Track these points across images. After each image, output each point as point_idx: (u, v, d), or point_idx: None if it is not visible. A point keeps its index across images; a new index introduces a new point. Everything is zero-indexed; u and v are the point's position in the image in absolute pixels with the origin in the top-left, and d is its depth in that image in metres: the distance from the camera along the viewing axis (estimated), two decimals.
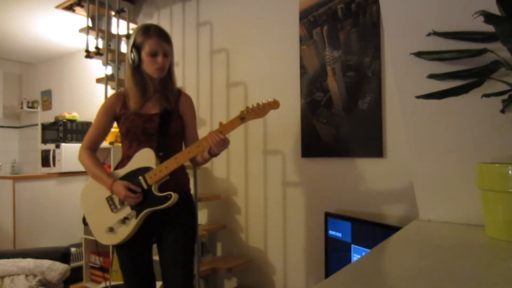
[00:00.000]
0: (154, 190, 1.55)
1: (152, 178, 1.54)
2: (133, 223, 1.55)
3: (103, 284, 2.84)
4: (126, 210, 1.57)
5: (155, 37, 1.57)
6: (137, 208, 1.55)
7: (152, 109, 1.65)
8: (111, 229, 1.57)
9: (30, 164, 4.97)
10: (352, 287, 0.69)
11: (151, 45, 1.57)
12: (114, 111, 1.67)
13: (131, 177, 1.57)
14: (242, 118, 1.54)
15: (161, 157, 1.58)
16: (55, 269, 2.18)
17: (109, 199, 1.60)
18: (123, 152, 1.69)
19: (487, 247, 0.90)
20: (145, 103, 1.65)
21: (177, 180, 1.63)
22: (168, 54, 1.61)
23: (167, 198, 1.53)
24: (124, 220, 1.56)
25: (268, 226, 2.57)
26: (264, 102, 1.56)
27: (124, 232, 1.56)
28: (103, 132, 1.68)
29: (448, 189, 1.14)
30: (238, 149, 2.73)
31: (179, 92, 1.74)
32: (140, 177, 1.56)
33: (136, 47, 1.59)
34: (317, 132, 2.30)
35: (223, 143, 1.54)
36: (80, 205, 1.69)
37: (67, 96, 4.59)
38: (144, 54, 1.58)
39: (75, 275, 3.11)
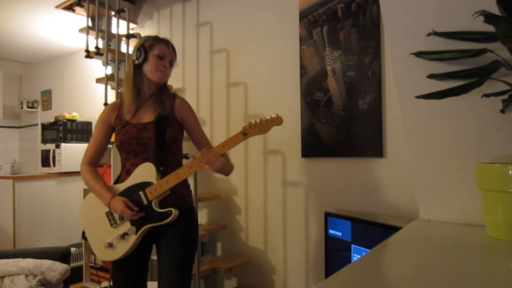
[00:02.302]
0: (155, 205, 1.51)
1: (152, 193, 1.51)
2: (132, 238, 1.51)
3: (103, 284, 2.85)
4: (126, 226, 1.53)
5: (166, 44, 1.63)
6: (137, 223, 1.52)
7: (146, 117, 1.61)
8: (110, 245, 1.53)
9: (30, 164, 4.97)
10: (352, 287, 0.69)
11: (161, 48, 1.60)
12: (110, 121, 1.65)
13: (131, 192, 1.54)
14: (245, 133, 1.51)
15: (162, 172, 1.54)
16: (55, 269, 2.18)
17: (109, 214, 1.56)
18: (121, 165, 1.65)
19: (487, 247, 0.90)
20: (139, 110, 1.62)
21: (177, 194, 1.58)
22: (173, 64, 1.65)
23: (168, 214, 1.50)
24: (124, 236, 1.52)
25: (268, 226, 2.57)
26: (267, 118, 1.52)
27: (123, 248, 1.52)
28: (102, 145, 1.66)
29: (448, 189, 1.14)
30: (238, 149, 2.73)
31: (174, 96, 1.70)
32: (141, 192, 1.52)
33: (144, 48, 1.60)
34: (317, 132, 2.30)
35: (215, 163, 1.48)
36: (80, 220, 1.65)
37: (67, 96, 4.59)
38: (151, 55, 1.59)
39: (75, 275, 3.11)
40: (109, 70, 3.04)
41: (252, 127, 1.52)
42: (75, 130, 3.94)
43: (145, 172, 1.54)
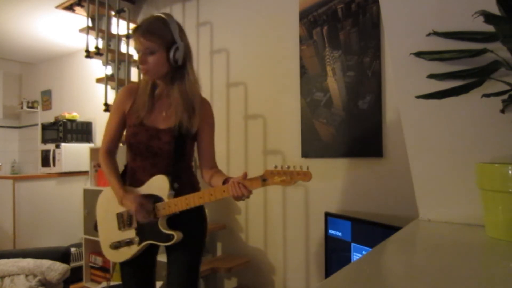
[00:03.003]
0: (160, 224, 1.45)
1: (160, 211, 1.44)
2: (134, 249, 1.49)
3: (103, 284, 2.85)
4: (131, 233, 1.50)
5: (136, 34, 1.40)
6: (141, 235, 1.48)
7: (162, 122, 1.47)
8: (115, 246, 1.52)
9: (30, 164, 4.97)
10: (352, 287, 0.69)
11: (133, 43, 1.43)
12: (123, 109, 1.52)
13: None
14: (264, 179, 1.32)
15: (176, 189, 1.45)
16: (55, 269, 2.18)
17: (119, 216, 1.52)
18: (128, 160, 1.58)
19: (487, 247, 0.90)
20: (154, 111, 1.49)
21: (190, 191, 1.50)
22: (154, 50, 1.39)
23: (170, 238, 1.44)
24: (128, 243, 1.50)
25: (268, 226, 2.57)
26: (294, 169, 1.29)
27: (125, 254, 1.51)
28: (117, 132, 1.55)
29: (448, 189, 1.14)
30: (238, 149, 2.73)
31: (200, 102, 1.51)
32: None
33: None
34: (317, 132, 2.30)
35: (244, 198, 1.35)
36: (96, 211, 1.62)
37: (67, 96, 4.59)
38: None
39: (75, 275, 3.10)
40: (109, 70, 3.04)
41: (274, 174, 1.30)
42: (75, 130, 3.94)
43: (158, 185, 1.45)
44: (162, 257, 1.67)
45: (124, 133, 1.59)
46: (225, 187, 1.36)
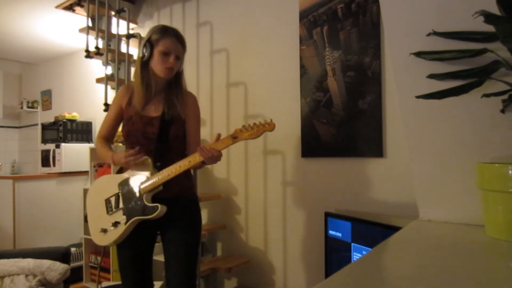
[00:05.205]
0: (145, 199, 1.55)
1: (145, 187, 1.55)
2: (122, 228, 1.56)
3: (103, 284, 2.85)
4: (119, 214, 1.58)
5: (172, 37, 1.60)
6: (128, 214, 1.56)
7: (154, 111, 1.65)
8: (104, 230, 1.60)
9: (30, 164, 4.97)
10: (352, 287, 0.69)
11: (166, 43, 1.59)
12: (121, 104, 1.70)
13: (129, 182, 1.59)
14: (235, 137, 1.52)
15: (159, 168, 1.57)
16: (55, 269, 2.18)
17: (108, 201, 1.62)
18: None
19: (487, 247, 0.90)
20: (148, 103, 1.66)
21: (181, 185, 1.64)
22: (180, 57, 1.63)
23: (154, 209, 1.52)
24: (116, 224, 1.57)
25: (268, 226, 2.57)
26: (260, 122, 1.53)
27: (113, 236, 1.57)
28: (114, 123, 1.73)
29: (448, 189, 1.14)
30: (238, 149, 2.73)
31: (185, 93, 1.72)
32: (136, 184, 1.57)
33: (150, 43, 1.60)
34: (317, 132, 2.30)
35: (216, 159, 1.53)
36: (86, 202, 1.73)
37: (67, 96, 4.59)
38: (156, 52, 1.59)
39: (75, 275, 3.11)
40: (109, 70, 3.04)
41: (243, 131, 1.52)
42: (75, 130, 3.94)
43: (142, 165, 1.58)
44: (161, 258, 1.68)
45: (120, 128, 1.74)
46: (197, 151, 1.52)
